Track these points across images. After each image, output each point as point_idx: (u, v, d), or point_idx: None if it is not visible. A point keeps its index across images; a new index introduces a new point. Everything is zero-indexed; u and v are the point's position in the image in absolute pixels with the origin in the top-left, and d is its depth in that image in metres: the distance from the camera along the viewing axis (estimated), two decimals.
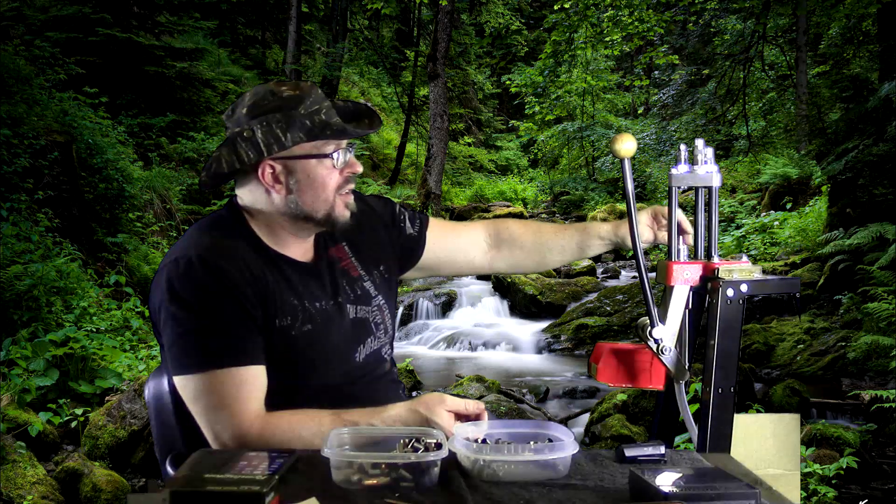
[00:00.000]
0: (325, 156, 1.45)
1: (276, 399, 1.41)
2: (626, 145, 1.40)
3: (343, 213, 1.50)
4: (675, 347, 1.46)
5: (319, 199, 1.46)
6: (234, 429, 1.35)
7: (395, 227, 1.67)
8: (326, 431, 1.25)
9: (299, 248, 1.52)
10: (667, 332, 1.45)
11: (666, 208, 1.58)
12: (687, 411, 1.47)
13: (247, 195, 1.49)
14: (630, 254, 1.67)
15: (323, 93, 1.50)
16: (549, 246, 1.76)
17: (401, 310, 8.28)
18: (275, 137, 1.41)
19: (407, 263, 1.71)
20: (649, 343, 1.44)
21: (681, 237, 1.50)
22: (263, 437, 1.35)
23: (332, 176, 1.47)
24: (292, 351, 1.43)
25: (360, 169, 1.51)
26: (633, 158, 1.44)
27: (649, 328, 1.44)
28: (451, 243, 1.76)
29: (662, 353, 1.45)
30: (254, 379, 1.39)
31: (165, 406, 1.57)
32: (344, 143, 1.49)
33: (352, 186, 1.52)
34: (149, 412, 1.61)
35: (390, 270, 1.65)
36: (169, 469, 1.52)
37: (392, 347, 1.64)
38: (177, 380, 1.41)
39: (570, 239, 1.76)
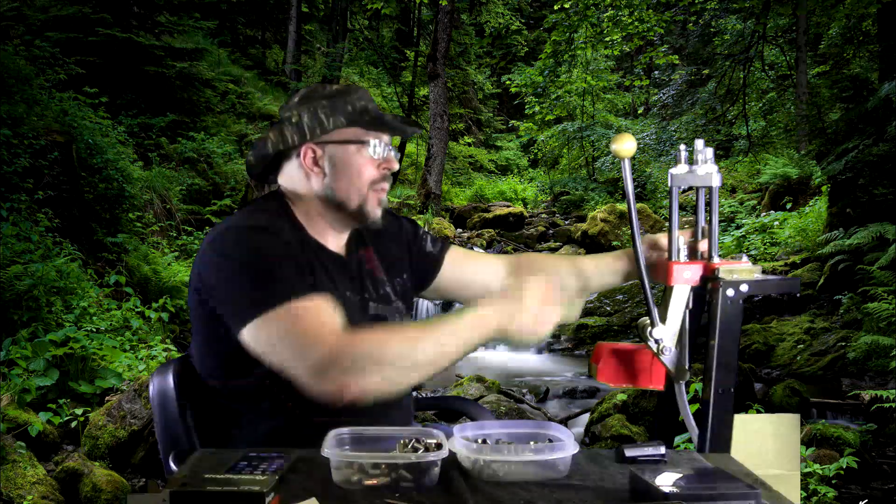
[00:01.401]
0: (362, 143, 1.52)
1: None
2: (626, 145, 1.40)
3: (375, 209, 1.54)
4: (676, 347, 1.46)
5: (353, 188, 1.51)
6: (323, 351, 1.27)
7: (417, 243, 1.72)
8: (425, 352, 1.26)
9: (334, 241, 1.57)
10: (667, 332, 1.45)
11: (661, 237, 1.59)
12: (687, 411, 1.47)
13: (288, 180, 1.56)
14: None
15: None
16: (568, 275, 1.74)
17: None
18: (318, 121, 1.49)
19: (424, 281, 1.74)
20: (649, 343, 1.45)
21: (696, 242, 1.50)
22: (357, 352, 1.27)
23: (368, 167, 1.52)
24: None
25: (396, 166, 1.56)
26: (633, 158, 1.44)
27: (649, 328, 1.44)
28: (469, 269, 1.77)
29: (662, 353, 1.45)
30: (328, 306, 1.36)
31: (169, 403, 1.57)
32: (384, 138, 1.54)
33: (387, 186, 1.56)
34: (152, 409, 1.61)
35: (409, 282, 1.70)
36: (172, 466, 1.52)
37: None
38: (249, 329, 1.33)
39: (588, 267, 1.75)
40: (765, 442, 1.42)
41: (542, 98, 16.39)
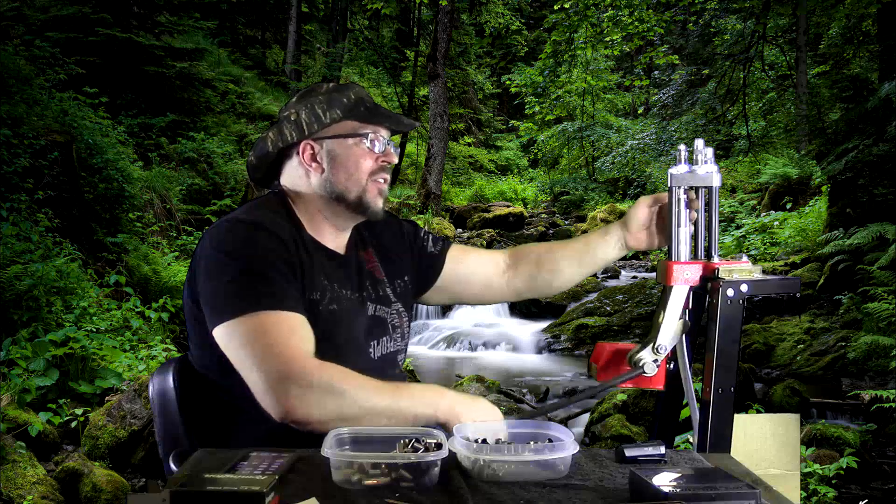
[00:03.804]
0: (359, 136, 1.52)
1: None
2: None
3: (376, 199, 1.55)
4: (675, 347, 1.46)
5: (352, 179, 1.52)
6: (285, 366, 1.29)
7: (418, 244, 1.72)
8: (380, 401, 1.28)
9: (334, 241, 1.57)
10: (667, 333, 1.46)
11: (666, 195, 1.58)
12: (692, 395, 1.46)
13: (289, 179, 1.56)
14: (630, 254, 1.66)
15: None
16: (562, 254, 1.75)
17: None
18: (315, 117, 1.51)
19: (427, 281, 1.74)
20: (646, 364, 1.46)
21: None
22: (316, 379, 1.29)
23: (366, 158, 1.53)
24: (317, 327, 1.42)
25: (395, 159, 1.57)
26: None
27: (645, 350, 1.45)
28: (470, 265, 1.77)
29: (658, 351, 1.45)
30: (303, 327, 1.37)
31: (170, 402, 1.57)
32: (382, 132, 1.55)
33: (387, 176, 1.56)
34: (152, 408, 1.61)
35: (409, 284, 1.70)
36: (172, 466, 1.52)
37: (405, 357, 1.67)
38: (222, 328, 1.36)
39: (579, 242, 1.75)
40: (765, 442, 1.42)
41: (542, 98, 16.39)
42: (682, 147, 1.50)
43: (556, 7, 10.33)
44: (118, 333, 5.26)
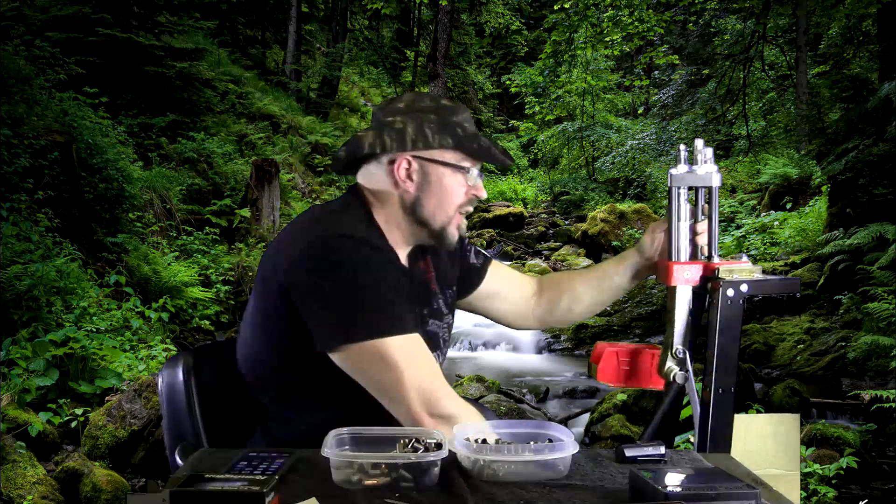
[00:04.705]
0: (463, 168, 1.48)
1: (347, 398, 1.41)
2: None
3: (454, 232, 1.52)
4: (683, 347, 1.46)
5: (441, 209, 1.49)
6: (434, 398, 1.33)
7: (462, 253, 1.71)
8: None
9: (402, 252, 1.54)
10: (677, 335, 1.46)
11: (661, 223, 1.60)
12: (695, 397, 1.46)
13: (371, 180, 1.51)
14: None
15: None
16: (580, 281, 1.76)
17: None
18: (423, 135, 1.45)
19: (462, 292, 1.73)
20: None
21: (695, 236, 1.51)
22: (458, 417, 1.33)
23: (460, 191, 1.49)
24: None
25: (484, 194, 1.54)
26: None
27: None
28: (506, 284, 1.78)
29: (676, 355, 1.46)
30: (424, 345, 1.39)
31: (178, 396, 1.57)
32: (478, 165, 1.52)
33: (471, 209, 1.54)
34: (160, 402, 1.61)
35: (455, 294, 1.69)
36: (178, 460, 1.52)
37: None
38: (350, 350, 1.35)
39: (597, 271, 1.76)
40: (765, 442, 1.42)
41: (542, 98, 16.38)
42: (682, 147, 1.50)
43: (556, 7, 10.32)
44: (118, 333, 5.27)
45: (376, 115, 1.52)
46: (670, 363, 1.46)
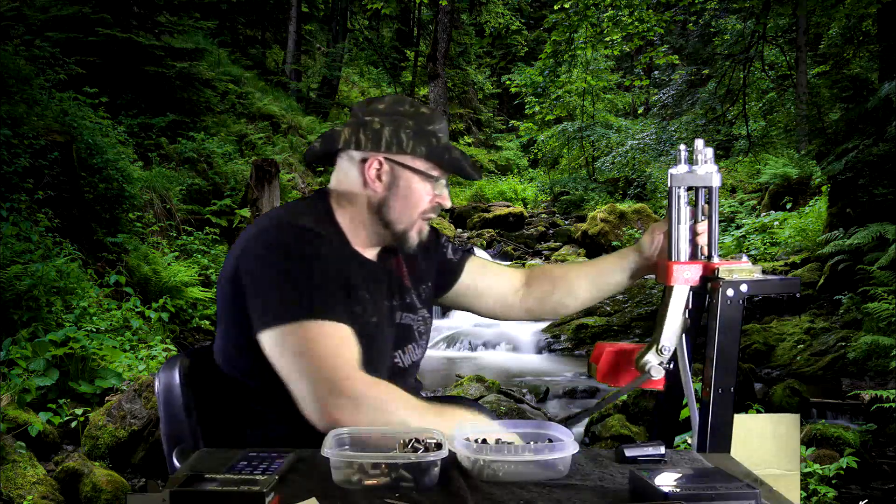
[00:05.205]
0: (432, 177, 1.52)
1: None
2: None
3: (415, 237, 1.56)
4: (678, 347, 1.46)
5: (406, 213, 1.53)
6: (338, 379, 1.31)
7: (438, 251, 1.73)
8: (426, 424, 1.27)
9: (369, 249, 1.57)
10: (668, 333, 1.46)
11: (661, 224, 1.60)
12: (692, 395, 1.46)
13: (340, 179, 1.55)
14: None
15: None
16: (577, 275, 1.75)
17: None
18: (398, 139, 1.49)
19: (441, 288, 1.75)
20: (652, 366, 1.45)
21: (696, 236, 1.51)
22: (367, 395, 1.31)
23: (426, 198, 1.53)
24: (359, 340, 1.43)
25: (448, 204, 1.58)
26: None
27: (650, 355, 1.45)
28: (487, 280, 1.78)
29: (662, 353, 1.45)
30: (351, 338, 1.38)
31: (175, 399, 1.56)
32: (447, 175, 1.55)
33: (434, 216, 1.57)
34: (157, 404, 1.61)
35: (431, 290, 1.70)
36: (176, 462, 1.52)
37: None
38: (271, 333, 1.36)
39: (595, 266, 1.76)
40: (765, 442, 1.42)
41: (542, 98, 16.38)
42: (682, 147, 1.50)
43: (556, 7, 10.32)
44: (118, 333, 5.27)
45: (356, 113, 1.56)
46: (649, 356, 1.46)
